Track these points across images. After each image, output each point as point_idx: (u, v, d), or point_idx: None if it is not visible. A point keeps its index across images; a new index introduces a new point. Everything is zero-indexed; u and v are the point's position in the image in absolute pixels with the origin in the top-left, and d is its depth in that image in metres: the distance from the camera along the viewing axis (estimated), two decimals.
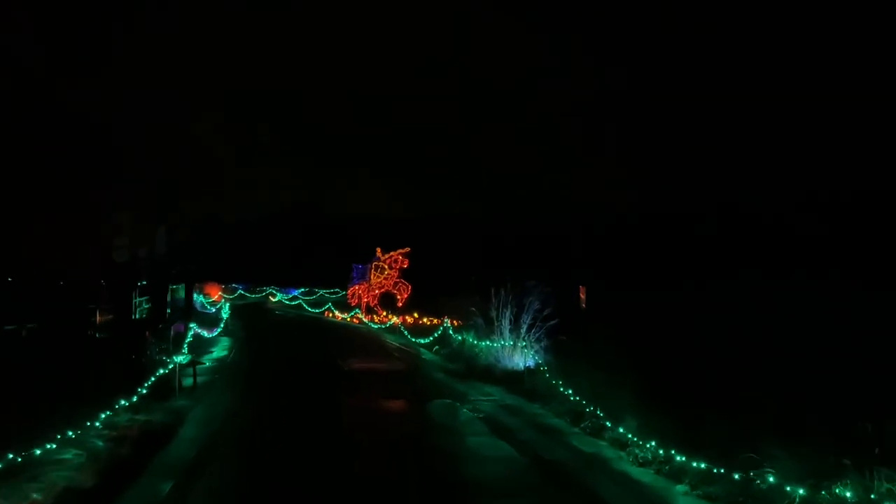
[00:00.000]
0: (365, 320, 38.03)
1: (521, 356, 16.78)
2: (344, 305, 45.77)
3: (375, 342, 27.33)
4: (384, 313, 42.34)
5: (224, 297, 59.27)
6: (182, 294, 45.60)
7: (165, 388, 14.15)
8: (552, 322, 16.90)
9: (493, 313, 17.39)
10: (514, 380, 16.12)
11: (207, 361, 21.26)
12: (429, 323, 36.11)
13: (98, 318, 19.49)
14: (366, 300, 44.79)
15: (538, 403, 14.02)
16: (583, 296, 29.34)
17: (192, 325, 20.64)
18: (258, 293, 65.51)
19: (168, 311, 26.30)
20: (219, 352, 24.05)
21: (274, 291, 63.75)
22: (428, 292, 44.99)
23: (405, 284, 44.87)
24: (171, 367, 14.89)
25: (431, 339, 24.49)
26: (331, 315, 44.34)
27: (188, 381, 17.16)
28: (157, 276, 27.11)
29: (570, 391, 13.06)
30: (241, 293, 65.01)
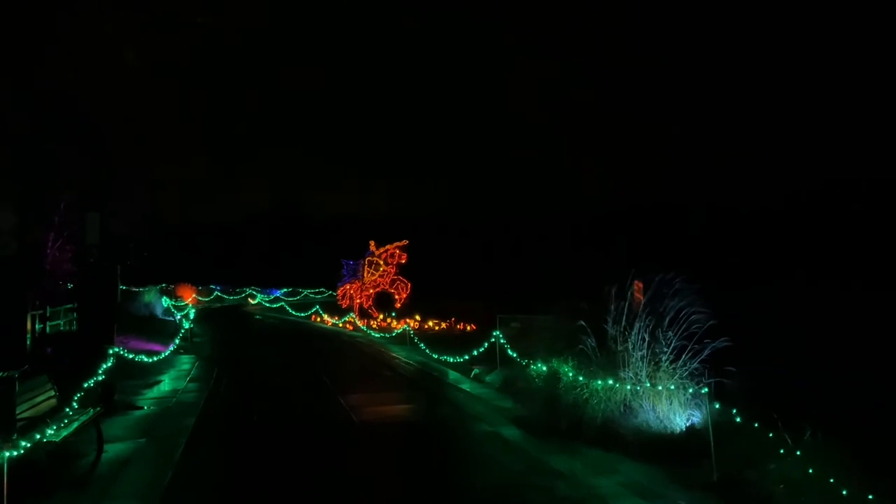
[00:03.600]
0: (361, 326, 30.09)
1: (671, 405, 9.14)
2: (333, 307, 37.71)
3: (384, 362, 19.46)
4: (380, 316, 34.55)
5: (199, 300, 51.06)
6: (148, 298, 37.36)
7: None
8: (716, 343, 9.31)
9: (613, 330, 9.72)
10: (670, 451, 8.45)
11: (146, 404, 13.32)
12: (437, 328, 28.38)
13: None
14: (358, 301, 36.79)
15: None
16: (638, 294, 21.82)
17: (113, 349, 12.67)
18: (237, 294, 57.27)
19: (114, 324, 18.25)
20: (169, 382, 16.09)
21: (254, 292, 55.43)
22: (430, 291, 37.32)
23: (404, 282, 36.89)
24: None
25: (467, 357, 16.76)
26: (318, 320, 36.28)
27: (92, 457, 9.40)
28: (88, 277, 19.07)
29: None
30: (217, 295, 56.69)
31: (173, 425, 11.45)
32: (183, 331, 22.73)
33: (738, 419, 7.73)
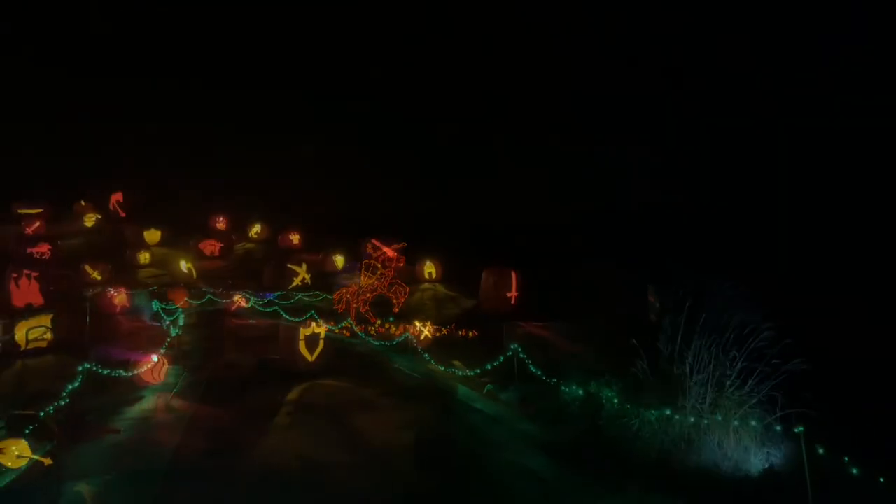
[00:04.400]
0: (359, 332, 28.38)
1: (740, 440, 7.61)
2: (329, 312, 36.05)
3: (388, 376, 17.75)
4: (378, 322, 32.93)
5: (190, 303, 49.29)
6: (136, 302, 35.51)
7: None
8: (789, 364, 7.80)
9: (667, 349, 8.20)
10: (749, 499, 6.98)
11: (123, 426, 11.68)
12: (437, 334, 26.84)
13: None
14: (355, 306, 35.26)
15: None
16: (651, 296, 20.32)
17: (83, 365, 11.04)
18: (229, 297, 55.50)
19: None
20: (151, 398, 14.50)
21: (247, 295, 53.75)
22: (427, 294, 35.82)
23: (402, 286, 35.33)
24: None
25: (479, 370, 15.20)
26: (314, 324, 34.54)
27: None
28: (62, 280, 17.52)
29: None
30: (210, 298, 54.93)
31: (150, 455, 9.86)
32: (170, 338, 21.04)
33: (854, 470, 6.17)
